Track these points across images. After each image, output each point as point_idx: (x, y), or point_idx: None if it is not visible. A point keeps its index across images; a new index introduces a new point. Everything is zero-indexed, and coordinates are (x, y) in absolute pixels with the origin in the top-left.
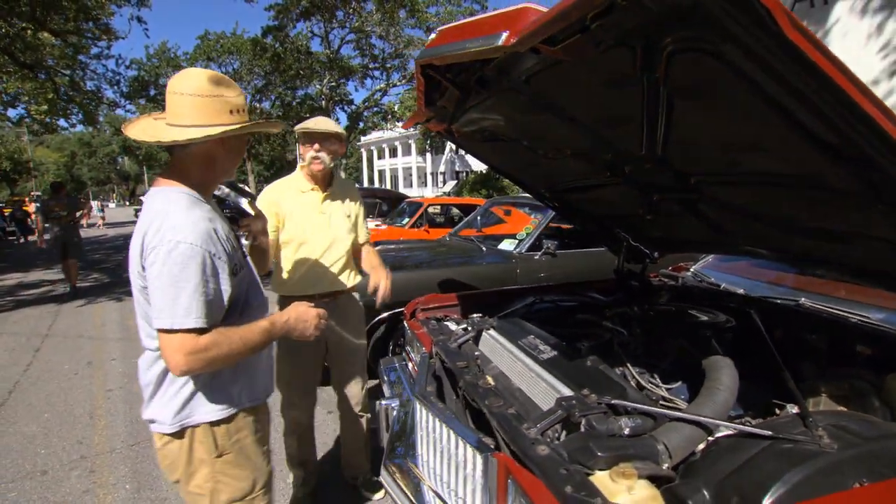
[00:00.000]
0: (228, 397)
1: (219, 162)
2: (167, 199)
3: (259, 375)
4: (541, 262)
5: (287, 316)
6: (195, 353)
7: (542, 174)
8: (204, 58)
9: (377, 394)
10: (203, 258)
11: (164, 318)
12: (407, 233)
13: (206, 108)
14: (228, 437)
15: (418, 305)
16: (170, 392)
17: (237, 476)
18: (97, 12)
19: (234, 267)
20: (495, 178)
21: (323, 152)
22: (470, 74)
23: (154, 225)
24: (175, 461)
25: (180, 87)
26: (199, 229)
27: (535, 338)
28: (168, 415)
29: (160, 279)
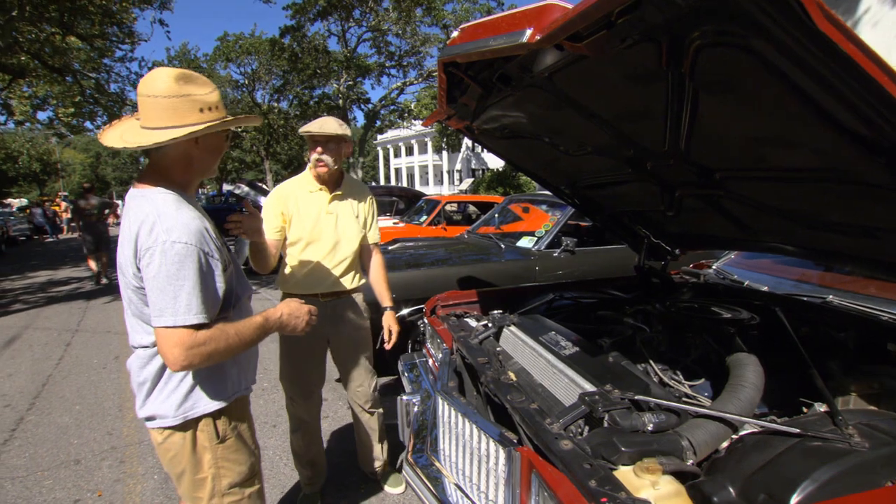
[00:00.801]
0: (226, 387)
1: (196, 161)
2: (154, 202)
3: (251, 364)
4: (559, 259)
5: (280, 312)
6: (194, 347)
7: (562, 171)
8: (223, 58)
9: (386, 390)
10: (198, 256)
11: (165, 317)
12: (424, 230)
13: (174, 110)
14: (228, 424)
15: (438, 302)
16: (169, 387)
17: (237, 461)
18: (121, 16)
19: (225, 262)
20: (512, 175)
21: (326, 155)
22: (492, 71)
23: (146, 227)
24: (178, 453)
25: (147, 90)
26: (192, 229)
27: (557, 334)
28: (170, 409)
29: (157, 279)
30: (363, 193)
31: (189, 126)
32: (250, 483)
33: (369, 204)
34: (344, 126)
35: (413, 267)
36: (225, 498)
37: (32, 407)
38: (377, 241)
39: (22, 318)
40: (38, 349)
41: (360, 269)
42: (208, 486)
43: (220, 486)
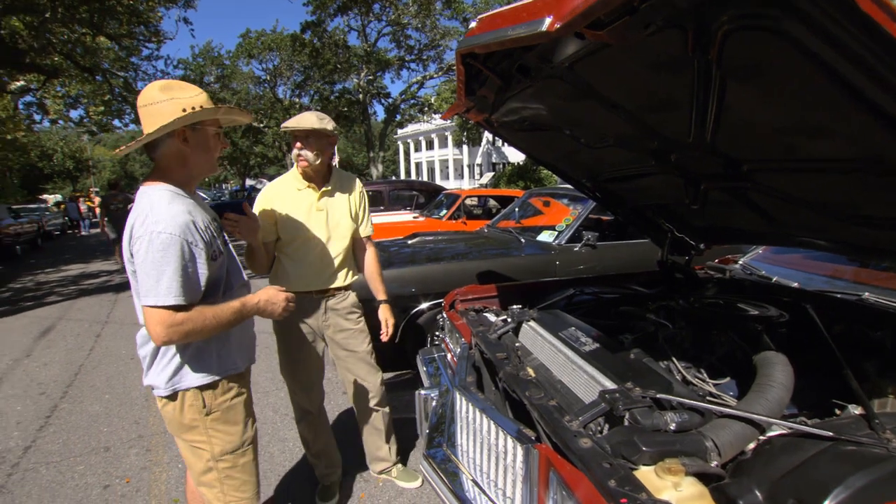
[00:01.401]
0: (211, 366)
1: (188, 157)
2: (150, 196)
3: (236, 349)
4: (580, 253)
5: (258, 298)
6: (172, 326)
7: (583, 163)
8: (245, 55)
9: (393, 387)
10: (181, 245)
11: (149, 297)
12: (444, 224)
13: (159, 114)
14: (214, 399)
15: (457, 296)
16: (163, 362)
17: (227, 431)
18: (148, 15)
19: (213, 253)
20: (532, 169)
21: (306, 150)
22: (511, 62)
23: (140, 218)
24: (172, 419)
25: (141, 102)
26: (178, 221)
27: (577, 330)
28: (163, 380)
29: (144, 264)
30: (353, 187)
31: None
32: (243, 453)
33: (360, 197)
34: (325, 120)
35: (432, 261)
36: (219, 463)
37: (65, 395)
38: (370, 234)
39: (56, 310)
40: (70, 339)
41: (353, 264)
42: (203, 450)
43: (213, 452)
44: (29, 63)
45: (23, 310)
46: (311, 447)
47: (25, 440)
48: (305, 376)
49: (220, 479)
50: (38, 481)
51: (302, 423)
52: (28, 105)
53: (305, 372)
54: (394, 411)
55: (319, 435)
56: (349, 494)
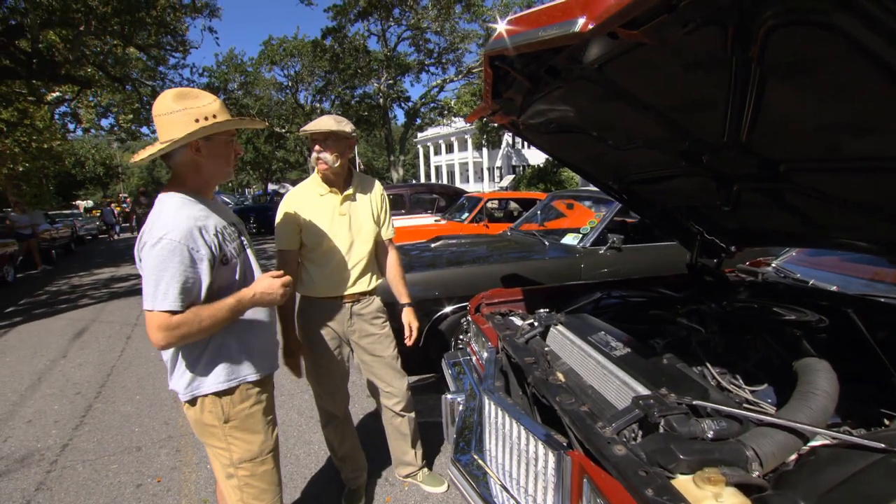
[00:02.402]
0: (230, 372)
1: (204, 167)
2: (163, 204)
3: (257, 356)
4: (606, 256)
5: (253, 291)
6: (168, 329)
7: (610, 165)
8: (268, 61)
9: (416, 390)
10: (182, 252)
11: (147, 301)
12: (466, 228)
13: (172, 124)
14: (233, 406)
15: (483, 300)
16: (182, 367)
17: (245, 440)
18: (175, 26)
19: (223, 257)
20: (553, 171)
21: (325, 153)
22: (540, 64)
23: (149, 224)
24: (195, 423)
25: (155, 111)
26: (182, 227)
27: (606, 334)
28: (182, 385)
29: (147, 269)
30: (374, 190)
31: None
32: (262, 462)
33: (381, 200)
34: (343, 122)
35: (456, 264)
36: (239, 470)
37: (99, 395)
38: (391, 237)
39: (90, 312)
40: (103, 341)
41: (377, 268)
42: (223, 455)
43: (232, 458)
44: (64, 74)
45: (58, 312)
46: (337, 451)
47: (63, 438)
48: (331, 381)
49: (239, 487)
50: (75, 479)
51: (328, 428)
52: (63, 115)
53: (331, 377)
54: (418, 415)
55: (345, 439)
56: (375, 498)
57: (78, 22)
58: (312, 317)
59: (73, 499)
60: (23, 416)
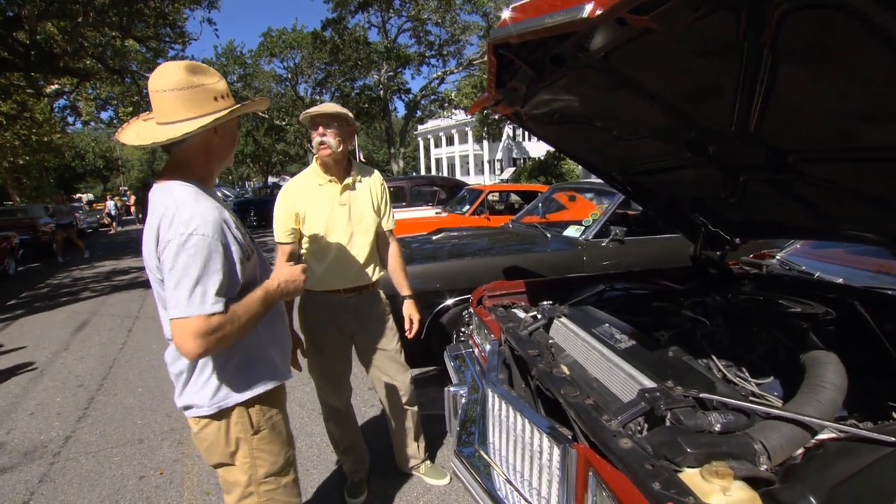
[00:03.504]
0: (259, 377)
1: (215, 150)
2: (174, 194)
3: (280, 357)
4: (608, 249)
5: (276, 281)
6: (209, 334)
7: (614, 156)
8: (267, 54)
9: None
10: (215, 247)
11: (181, 307)
12: (467, 220)
13: (190, 100)
14: (262, 415)
15: (485, 292)
16: (203, 377)
17: (272, 451)
18: (174, 17)
19: (246, 253)
20: (554, 164)
21: (328, 136)
22: (545, 52)
23: (166, 220)
24: (213, 443)
25: (161, 85)
26: (209, 220)
27: (611, 326)
28: (205, 398)
29: (175, 271)
30: (374, 180)
31: (210, 115)
32: (286, 472)
33: (382, 190)
34: (345, 109)
35: (457, 257)
36: (261, 486)
37: (101, 388)
38: (392, 228)
39: (91, 305)
40: (104, 334)
41: (378, 260)
42: (245, 475)
43: (256, 475)
44: (63, 67)
45: (60, 305)
46: (340, 444)
47: (66, 430)
48: (333, 374)
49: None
50: (79, 471)
51: (330, 422)
52: (62, 108)
53: (333, 370)
54: (420, 408)
55: (347, 432)
56: (377, 491)
57: (76, 13)
58: (313, 311)
59: (76, 491)
60: (26, 409)
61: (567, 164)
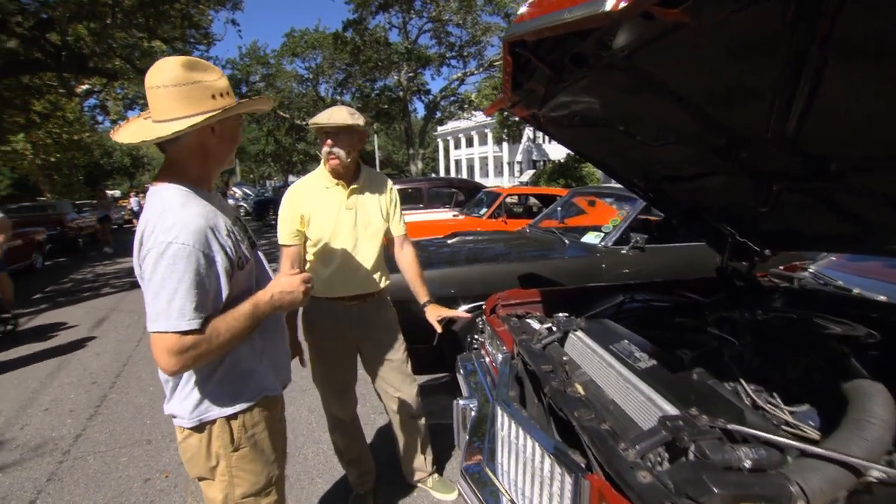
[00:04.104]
0: (244, 391)
1: (212, 152)
2: (161, 199)
3: (276, 365)
4: (628, 256)
5: (270, 293)
6: (182, 352)
7: (636, 162)
8: (289, 54)
9: (436, 389)
10: (196, 258)
11: (158, 321)
12: (484, 223)
13: (186, 98)
14: (244, 431)
15: (499, 301)
16: (188, 388)
17: (252, 471)
18: (199, 18)
19: (239, 260)
20: (574, 167)
21: (337, 147)
22: (564, 51)
23: (149, 227)
24: (194, 455)
25: (157, 80)
26: (192, 228)
27: (629, 343)
28: (186, 410)
29: (153, 282)
30: (383, 184)
31: (204, 113)
32: (266, 493)
33: (390, 194)
34: (356, 115)
35: (472, 262)
36: None
37: (114, 385)
38: (404, 232)
39: (110, 301)
40: (121, 330)
41: (385, 267)
42: (222, 493)
43: (233, 494)
44: (92, 67)
45: (81, 300)
46: (345, 455)
47: (77, 428)
48: (338, 385)
49: None
50: (86, 470)
51: (335, 433)
52: (92, 107)
53: (338, 380)
54: (430, 417)
55: (353, 443)
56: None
57: (105, 15)
58: (317, 318)
59: (82, 491)
60: (41, 404)
61: (587, 167)
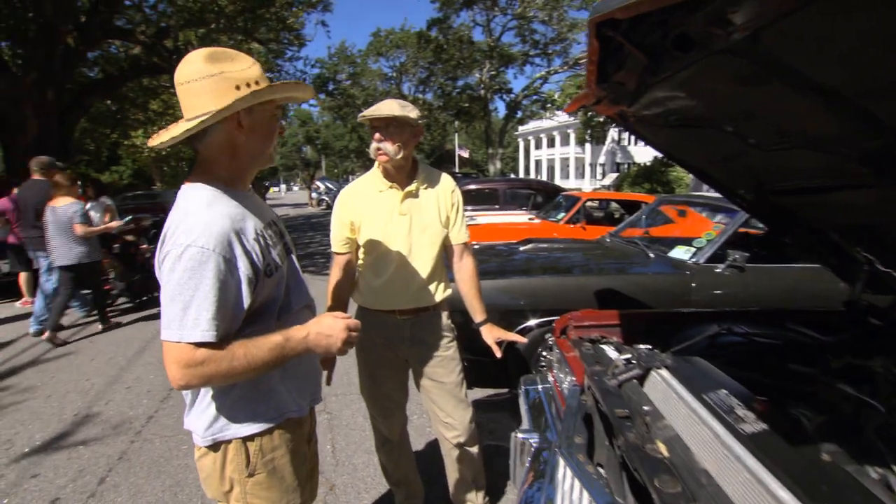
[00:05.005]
0: (265, 410)
1: (242, 147)
2: (187, 199)
3: (302, 383)
4: (724, 277)
5: (307, 331)
6: (191, 366)
7: (746, 169)
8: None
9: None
10: (216, 263)
11: (171, 330)
12: (561, 229)
13: (209, 91)
14: (262, 456)
15: (571, 321)
16: (204, 402)
17: (268, 499)
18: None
19: (268, 267)
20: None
21: (387, 142)
22: (666, 31)
23: (171, 228)
24: (209, 476)
25: (181, 77)
26: (214, 230)
27: (729, 394)
28: (202, 426)
29: (168, 286)
30: (444, 186)
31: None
32: None
33: (452, 197)
34: (407, 107)
35: (546, 272)
36: None
37: None
38: (465, 241)
39: None
40: None
41: (445, 279)
42: None
43: None
44: None
45: None
46: (391, 476)
47: (150, 409)
48: (385, 403)
49: None
50: (151, 454)
51: (381, 451)
52: None
53: (385, 398)
54: (488, 436)
55: (400, 464)
56: None
57: (210, 21)
58: (367, 331)
59: (145, 474)
60: (125, 382)
61: (675, 171)
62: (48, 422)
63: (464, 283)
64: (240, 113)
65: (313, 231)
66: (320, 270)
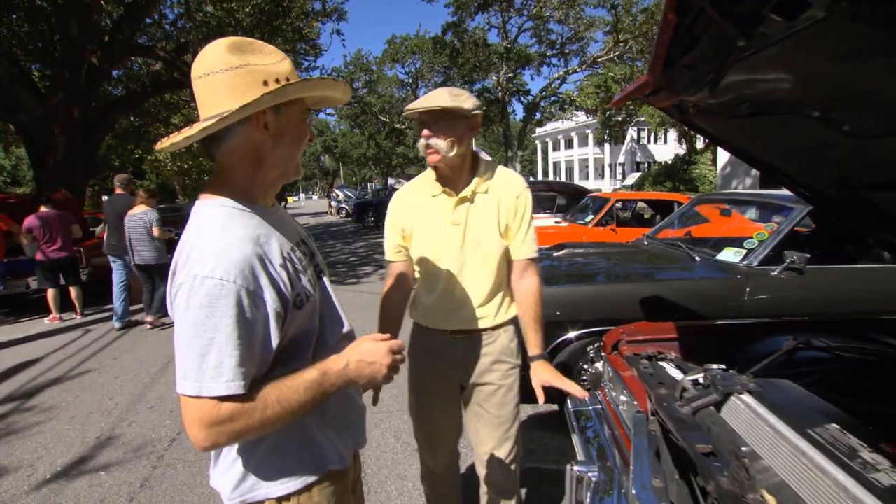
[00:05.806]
0: (301, 465)
1: (267, 153)
2: (201, 219)
3: (343, 429)
4: (781, 280)
5: (345, 360)
6: (217, 424)
7: (829, 161)
8: (390, 60)
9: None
10: (237, 297)
11: (188, 381)
12: (591, 231)
13: (231, 86)
14: None
15: (623, 336)
16: (229, 458)
17: None
18: (308, 31)
19: (297, 298)
20: (682, 168)
21: (437, 138)
22: None
23: (183, 255)
24: None
25: (199, 69)
26: (233, 258)
27: (842, 429)
28: (228, 487)
29: (183, 328)
30: (508, 189)
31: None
32: None
33: (517, 203)
34: (461, 97)
35: (583, 280)
36: None
37: None
38: (530, 256)
39: None
40: None
41: (509, 296)
42: None
43: None
44: None
45: None
46: None
47: (173, 431)
48: (432, 431)
49: None
50: (174, 480)
51: (425, 482)
52: None
53: (432, 425)
54: (529, 458)
55: (442, 500)
56: None
57: (228, 34)
58: (420, 349)
59: (168, 503)
60: (148, 401)
61: (698, 168)
62: (71, 444)
63: (521, 307)
64: (266, 113)
65: (334, 240)
66: (342, 280)
